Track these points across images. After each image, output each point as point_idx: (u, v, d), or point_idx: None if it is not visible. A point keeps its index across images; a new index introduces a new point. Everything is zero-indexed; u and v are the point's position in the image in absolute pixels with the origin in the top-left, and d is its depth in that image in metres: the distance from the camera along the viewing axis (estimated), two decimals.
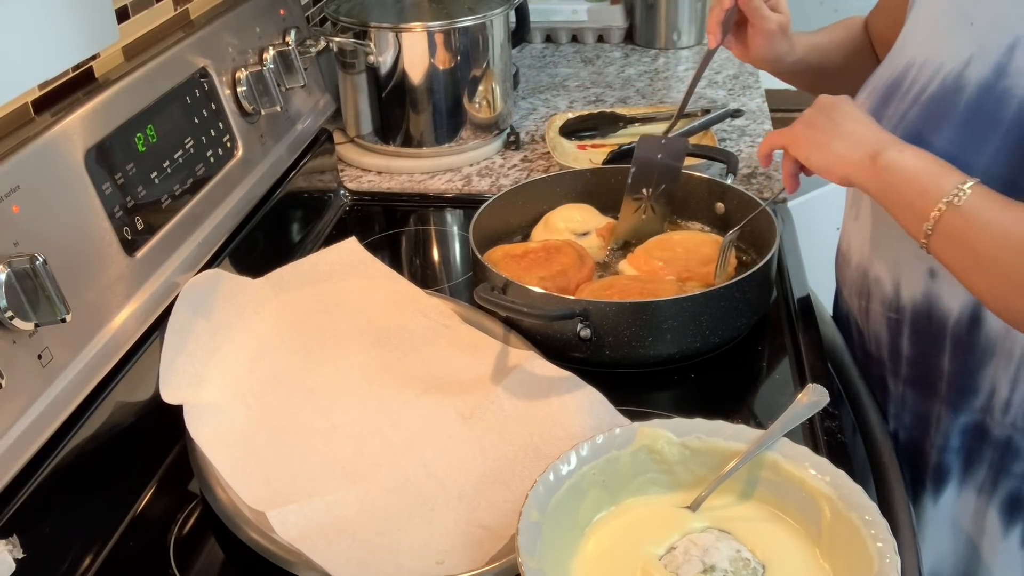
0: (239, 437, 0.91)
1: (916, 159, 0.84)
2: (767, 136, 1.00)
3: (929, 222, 0.81)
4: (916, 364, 1.00)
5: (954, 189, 0.80)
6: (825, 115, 0.92)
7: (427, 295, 1.10)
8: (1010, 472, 0.97)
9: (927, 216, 0.81)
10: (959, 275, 0.83)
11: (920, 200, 0.82)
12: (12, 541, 0.71)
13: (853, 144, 0.88)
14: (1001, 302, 0.81)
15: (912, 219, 0.83)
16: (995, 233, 0.78)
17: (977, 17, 0.88)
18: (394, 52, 1.40)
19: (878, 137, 0.87)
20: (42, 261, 0.76)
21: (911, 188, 0.83)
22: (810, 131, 0.93)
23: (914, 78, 0.93)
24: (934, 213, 0.80)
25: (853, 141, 0.88)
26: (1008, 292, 0.79)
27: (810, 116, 0.94)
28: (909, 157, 0.84)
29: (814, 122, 0.93)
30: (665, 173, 1.20)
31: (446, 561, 0.79)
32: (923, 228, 0.82)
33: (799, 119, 0.95)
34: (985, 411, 0.95)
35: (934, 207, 0.81)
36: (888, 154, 0.85)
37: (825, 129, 0.91)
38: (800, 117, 0.96)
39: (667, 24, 1.97)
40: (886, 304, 1.00)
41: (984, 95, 0.86)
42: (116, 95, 0.95)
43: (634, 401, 0.96)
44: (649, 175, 1.20)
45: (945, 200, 0.80)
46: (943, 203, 0.80)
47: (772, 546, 0.77)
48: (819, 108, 0.94)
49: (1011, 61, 0.85)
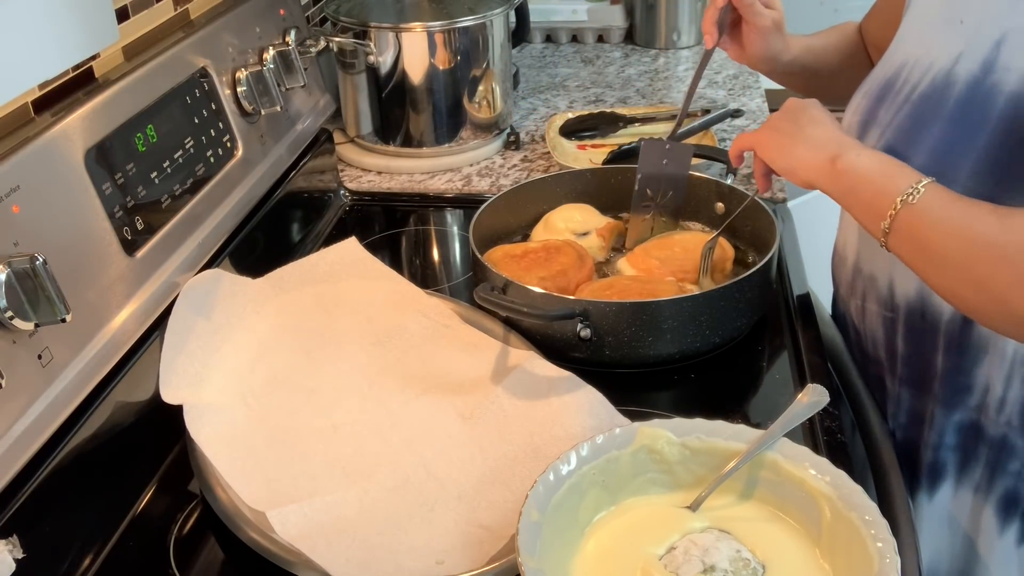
0: (239, 437, 0.91)
1: (873, 161, 0.87)
2: (737, 137, 1.03)
3: (886, 220, 0.84)
4: (911, 363, 1.00)
5: (909, 188, 0.82)
6: (791, 118, 0.95)
7: (427, 295, 1.10)
8: (1006, 470, 0.97)
9: (884, 215, 0.84)
10: (916, 270, 0.86)
11: (877, 200, 0.85)
12: (12, 541, 0.71)
13: (814, 148, 0.91)
14: (953, 295, 0.84)
15: (871, 219, 0.86)
16: (947, 230, 0.81)
17: (967, 15, 0.89)
18: (394, 52, 1.40)
19: (838, 140, 0.91)
20: (42, 261, 0.76)
21: (868, 189, 0.86)
22: (775, 135, 0.96)
23: (906, 77, 0.93)
24: (890, 212, 0.83)
25: (814, 145, 0.91)
26: (959, 286, 0.82)
27: (776, 120, 0.97)
28: (866, 159, 0.87)
29: (779, 126, 0.96)
30: (671, 181, 1.20)
31: (446, 561, 0.79)
32: (881, 227, 0.84)
33: (767, 122, 0.99)
34: (980, 409, 0.96)
35: (890, 206, 0.83)
36: (847, 157, 0.88)
37: (789, 133, 0.94)
38: (768, 120, 0.99)
39: (667, 24, 1.97)
40: (881, 303, 1.00)
41: (972, 91, 0.87)
42: (116, 95, 0.95)
43: (634, 401, 0.96)
44: (656, 183, 1.20)
45: (900, 199, 0.82)
46: (898, 202, 0.83)
47: (772, 546, 0.77)
48: (786, 111, 0.97)
49: (998, 57, 0.85)
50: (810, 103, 0.97)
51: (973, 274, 0.80)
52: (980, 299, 0.81)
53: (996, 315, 0.81)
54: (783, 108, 0.98)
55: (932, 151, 0.88)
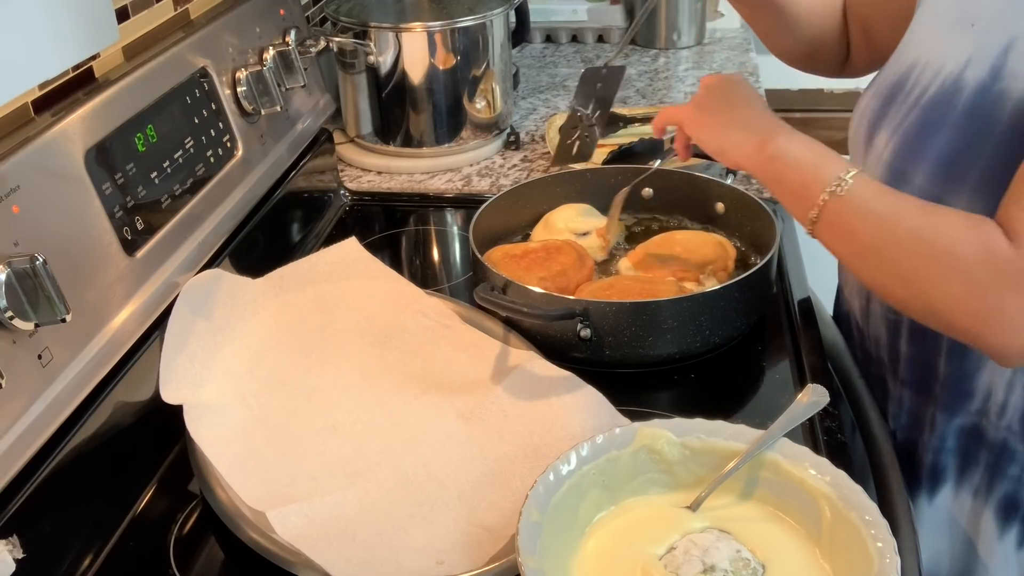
0: (239, 437, 0.91)
1: (803, 148, 0.86)
2: (662, 111, 1.02)
3: (814, 210, 0.83)
4: (913, 365, 1.00)
5: (836, 179, 0.82)
6: (721, 96, 0.94)
7: (427, 295, 1.10)
8: (1006, 474, 0.96)
9: (812, 205, 0.84)
10: (842, 259, 0.86)
11: (805, 189, 0.84)
12: (12, 541, 0.71)
13: (745, 130, 0.90)
14: (880, 287, 0.84)
15: (798, 207, 0.86)
16: (874, 224, 0.81)
17: (978, 19, 0.88)
18: (394, 52, 1.40)
19: (768, 124, 0.89)
20: (42, 261, 0.76)
21: (796, 176, 0.85)
22: (704, 114, 0.95)
23: (916, 79, 0.92)
24: (818, 201, 0.83)
25: (745, 127, 0.90)
26: (886, 279, 0.82)
27: (705, 97, 0.95)
28: (796, 146, 0.86)
29: (709, 104, 0.94)
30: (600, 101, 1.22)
31: (446, 561, 0.79)
32: (808, 216, 0.84)
33: (696, 98, 0.97)
34: (981, 414, 0.95)
35: (818, 196, 0.83)
36: (776, 142, 0.87)
37: (719, 112, 0.93)
38: (696, 95, 0.97)
39: (667, 24, 1.97)
40: (885, 304, 1.00)
41: (980, 97, 0.86)
42: (116, 95, 0.95)
43: (634, 401, 0.96)
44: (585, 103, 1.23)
45: (828, 190, 0.82)
46: (826, 192, 0.82)
47: (772, 546, 0.77)
48: (715, 88, 0.95)
49: (1006, 63, 0.84)
50: (738, 80, 0.95)
51: (899, 268, 0.80)
52: (905, 292, 0.81)
53: (920, 308, 0.82)
54: (711, 85, 0.96)
55: (940, 157, 0.87)
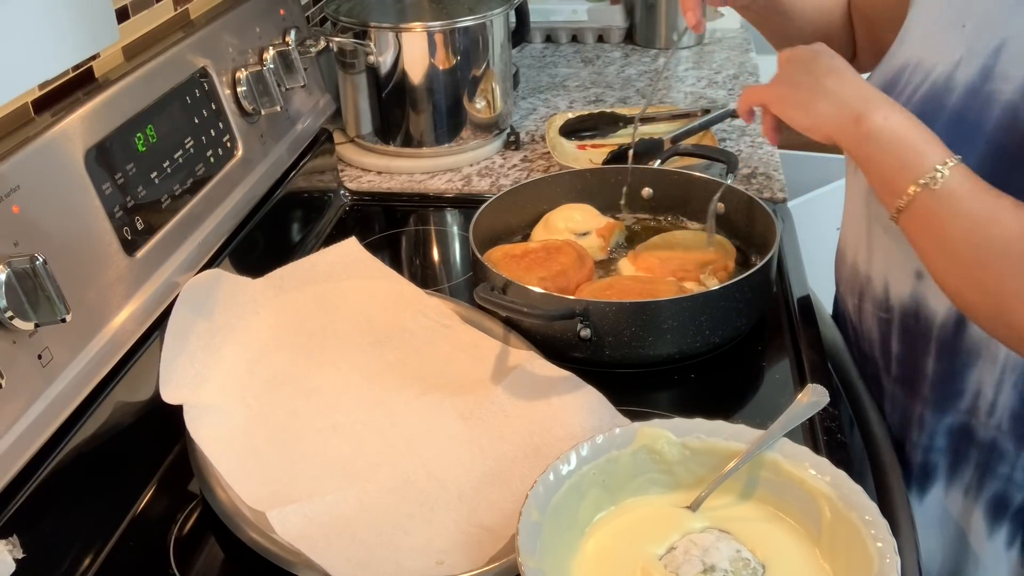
0: (239, 437, 0.91)
1: (901, 128, 0.81)
2: (745, 91, 0.96)
3: (903, 199, 0.80)
4: (904, 363, 1.00)
5: (932, 171, 0.78)
6: (805, 70, 0.89)
7: (427, 295, 1.10)
8: (995, 473, 0.96)
9: (901, 193, 0.80)
10: (920, 253, 0.83)
11: (897, 175, 0.81)
12: (12, 541, 0.71)
13: (837, 103, 0.85)
14: (955, 291, 0.82)
15: (887, 192, 0.82)
16: (963, 225, 0.78)
17: (970, 19, 0.88)
18: (394, 52, 1.40)
19: (863, 96, 0.85)
20: (42, 261, 0.76)
21: (891, 160, 0.81)
22: (791, 90, 0.89)
23: (908, 79, 0.92)
24: (909, 192, 0.80)
25: (837, 100, 0.85)
26: (963, 284, 0.80)
27: (790, 72, 0.90)
28: (894, 125, 0.82)
29: (794, 79, 0.89)
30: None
31: (446, 561, 0.79)
32: (896, 203, 0.81)
33: (779, 75, 0.91)
34: (971, 413, 0.95)
35: (909, 186, 0.79)
36: (873, 119, 0.82)
37: (807, 87, 0.87)
38: (779, 73, 0.92)
39: (667, 24, 1.97)
40: (877, 304, 1.00)
41: (970, 98, 0.85)
42: (116, 95, 0.95)
43: (634, 401, 0.96)
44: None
45: (922, 181, 0.79)
46: (919, 184, 0.79)
47: (772, 546, 0.77)
48: (798, 63, 0.90)
49: (996, 64, 0.84)
50: (821, 51, 0.89)
51: (981, 275, 0.78)
52: (982, 301, 0.79)
53: (994, 320, 0.80)
54: (793, 59, 0.90)
55: None
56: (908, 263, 0.93)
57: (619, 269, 1.17)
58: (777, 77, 0.92)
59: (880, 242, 0.98)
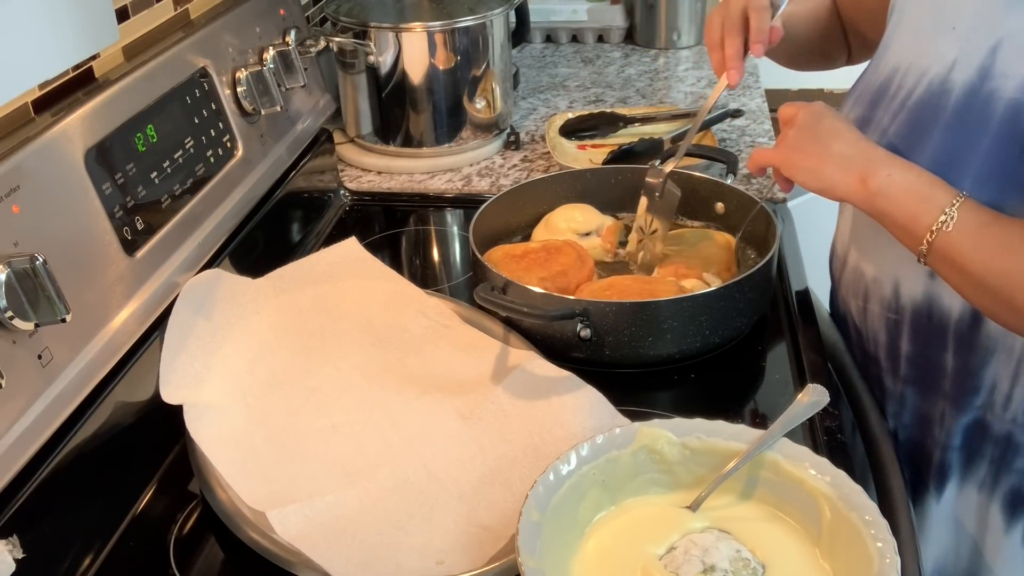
0: (239, 437, 0.91)
1: (905, 181, 0.86)
2: (754, 153, 0.99)
3: (923, 246, 0.85)
4: (916, 363, 1.00)
5: (942, 215, 0.83)
6: (810, 134, 0.92)
7: (427, 295, 1.10)
8: (1011, 468, 0.97)
9: (920, 240, 0.85)
10: (955, 288, 0.88)
11: (912, 225, 0.86)
12: (12, 541, 0.71)
13: (843, 167, 0.89)
14: (993, 315, 0.87)
15: (908, 240, 0.87)
16: (981, 260, 0.83)
17: (959, 21, 0.89)
18: (394, 52, 1.40)
19: (866, 156, 0.89)
20: (42, 261, 0.76)
21: (902, 212, 0.86)
22: (799, 155, 0.93)
23: (900, 83, 0.94)
24: (927, 239, 0.85)
25: (842, 163, 0.89)
26: (998, 309, 0.85)
27: (796, 138, 0.93)
28: (898, 179, 0.86)
29: (801, 144, 0.92)
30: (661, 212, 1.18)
31: (446, 561, 0.79)
32: (919, 250, 0.86)
33: (785, 139, 0.94)
34: (986, 408, 0.96)
35: (926, 233, 0.84)
36: (877, 178, 0.87)
37: (814, 153, 0.91)
38: (785, 136, 0.94)
39: (667, 24, 1.97)
40: (885, 304, 1.00)
41: (970, 98, 0.87)
42: (116, 95, 0.95)
43: (634, 401, 0.96)
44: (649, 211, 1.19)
45: (934, 228, 0.84)
46: (932, 230, 0.84)
47: (772, 546, 0.77)
48: (803, 128, 0.93)
49: (994, 63, 0.85)
50: (822, 111, 0.93)
51: (1010, 298, 0.82)
52: (1016, 321, 0.84)
53: None
54: (799, 124, 0.93)
55: (933, 158, 0.88)
56: (920, 263, 0.94)
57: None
58: (784, 140, 0.94)
59: (887, 244, 0.98)
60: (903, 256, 0.96)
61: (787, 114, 0.96)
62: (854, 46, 1.20)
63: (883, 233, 0.98)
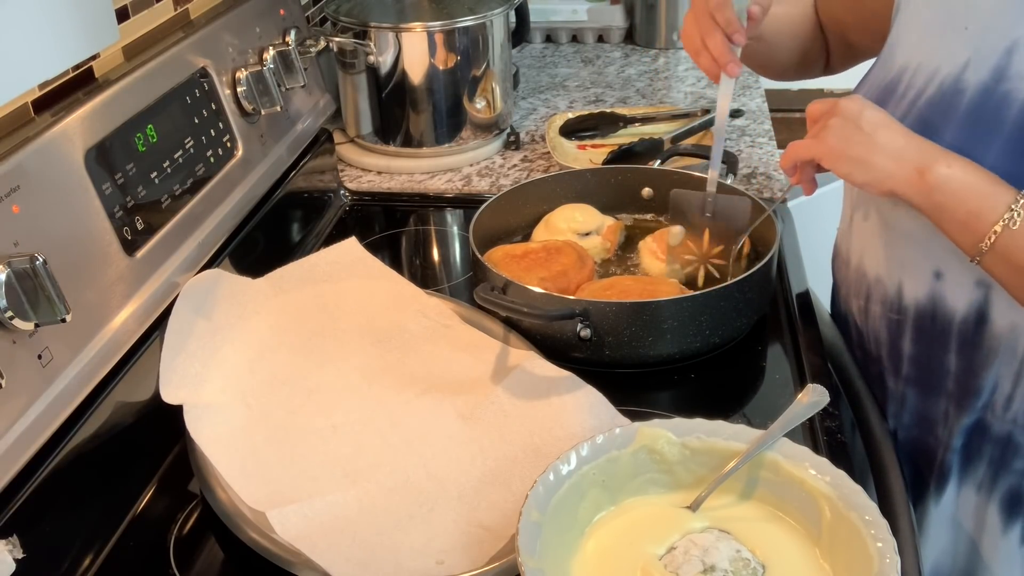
0: (239, 437, 0.91)
1: (966, 175, 0.83)
2: (792, 146, 0.94)
3: (984, 243, 0.82)
4: (918, 363, 1.00)
5: (1008, 211, 0.81)
6: (854, 126, 0.88)
7: (427, 295, 1.10)
8: (1010, 468, 0.97)
9: (982, 237, 0.82)
10: (1006, 287, 0.85)
11: (975, 220, 0.83)
12: (12, 541, 0.71)
13: (896, 159, 0.85)
14: None
15: (965, 238, 0.84)
16: None
17: (971, 21, 0.88)
18: (394, 52, 1.40)
19: (920, 148, 0.85)
20: (42, 261, 0.76)
21: (964, 208, 0.83)
22: (845, 146, 0.88)
23: (909, 82, 0.93)
24: (990, 235, 0.82)
25: (895, 155, 0.85)
26: None
27: (839, 128, 0.88)
28: (959, 173, 0.83)
29: (846, 135, 0.88)
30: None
31: (446, 561, 0.79)
32: (978, 247, 0.83)
33: (826, 130, 0.89)
34: (987, 408, 0.96)
35: (990, 229, 0.82)
36: (937, 170, 0.83)
37: (860, 143, 0.87)
38: (827, 128, 0.89)
39: (667, 24, 1.97)
40: (887, 305, 1.00)
41: (984, 98, 0.86)
42: (116, 95, 0.95)
43: (634, 401, 0.96)
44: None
45: (1000, 224, 0.81)
46: (999, 226, 0.81)
47: (772, 546, 0.77)
48: (845, 119, 0.88)
49: (1010, 64, 0.85)
50: (863, 102, 0.89)
51: None
52: None
53: None
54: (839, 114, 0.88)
55: None
56: (926, 264, 0.94)
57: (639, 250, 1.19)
58: (823, 132, 0.90)
59: (894, 245, 0.98)
60: (906, 257, 0.96)
61: (819, 110, 0.91)
62: (835, 54, 1.17)
63: (886, 233, 0.98)
